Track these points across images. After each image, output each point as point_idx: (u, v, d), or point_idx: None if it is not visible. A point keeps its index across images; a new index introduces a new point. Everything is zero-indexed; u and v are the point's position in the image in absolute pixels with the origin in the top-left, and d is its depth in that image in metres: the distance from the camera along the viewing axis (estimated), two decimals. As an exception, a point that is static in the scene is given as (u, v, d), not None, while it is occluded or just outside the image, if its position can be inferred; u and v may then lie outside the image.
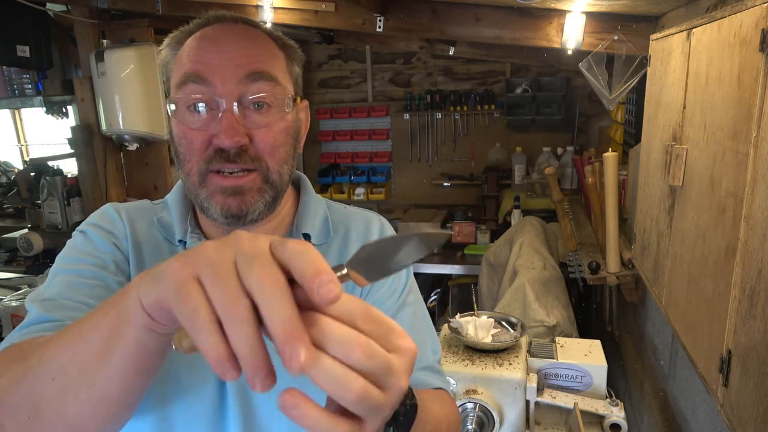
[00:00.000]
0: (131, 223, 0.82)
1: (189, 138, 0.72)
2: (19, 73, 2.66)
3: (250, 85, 0.70)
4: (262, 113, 0.72)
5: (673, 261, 1.31)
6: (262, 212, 0.75)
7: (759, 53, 0.83)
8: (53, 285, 0.72)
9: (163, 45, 0.77)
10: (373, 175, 4.28)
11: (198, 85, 0.70)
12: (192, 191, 0.75)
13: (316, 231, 0.86)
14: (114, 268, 0.76)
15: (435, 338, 0.90)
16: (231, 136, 0.68)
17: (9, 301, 2.24)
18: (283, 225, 0.86)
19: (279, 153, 0.74)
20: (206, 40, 0.72)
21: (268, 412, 0.76)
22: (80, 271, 0.73)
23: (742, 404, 0.88)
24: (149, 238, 0.81)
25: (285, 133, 0.75)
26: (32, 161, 3.77)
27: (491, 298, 2.85)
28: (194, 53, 0.71)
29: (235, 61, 0.70)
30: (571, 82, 3.80)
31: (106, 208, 0.85)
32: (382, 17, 2.32)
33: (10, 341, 0.63)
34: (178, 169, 0.77)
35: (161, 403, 0.73)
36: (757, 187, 0.83)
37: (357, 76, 4.26)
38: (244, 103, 0.71)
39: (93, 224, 0.80)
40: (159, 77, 2.53)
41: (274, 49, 0.76)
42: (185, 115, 0.72)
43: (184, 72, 0.71)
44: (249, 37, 0.74)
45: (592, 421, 1.57)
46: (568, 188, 3.68)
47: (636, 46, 1.90)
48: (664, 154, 1.33)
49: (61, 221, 2.75)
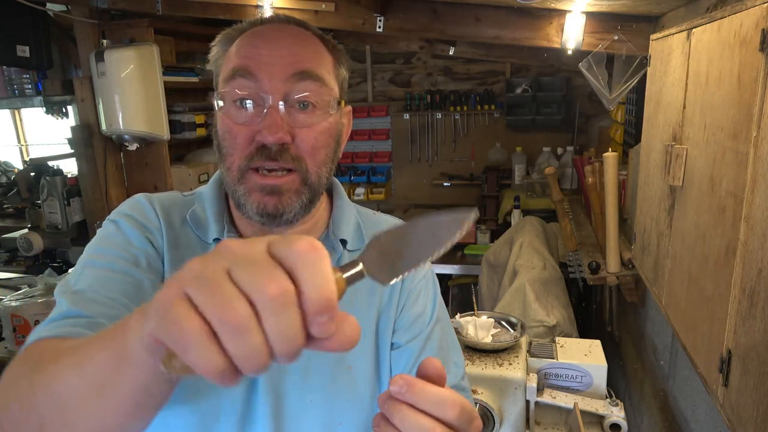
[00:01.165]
0: (167, 217, 0.80)
1: (233, 133, 0.72)
2: (19, 73, 2.66)
3: (297, 84, 0.70)
4: (306, 113, 0.72)
5: (673, 261, 1.31)
6: (297, 213, 0.74)
7: (759, 53, 0.83)
8: (83, 277, 0.70)
9: (214, 41, 0.78)
10: (373, 175, 4.28)
11: (245, 80, 0.70)
12: (231, 186, 0.74)
13: (351, 236, 0.85)
14: (146, 265, 0.74)
15: (459, 350, 0.90)
16: (274, 132, 0.69)
17: (9, 301, 2.23)
18: (317, 228, 0.84)
19: (319, 154, 0.74)
20: (257, 37, 0.73)
21: (298, 412, 0.76)
22: (111, 265, 0.72)
23: (742, 404, 0.88)
24: (183, 235, 0.80)
25: (327, 134, 0.75)
26: (32, 161, 3.76)
27: (491, 298, 2.85)
28: (244, 49, 0.72)
29: (285, 59, 0.71)
30: (571, 82, 3.80)
31: (138, 198, 0.82)
32: (382, 17, 2.32)
33: (38, 335, 0.62)
34: (219, 163, 0.77)
35: (194, 396, 0.72)
36: (757, 187, 0.83)
37: (357, 76, 4.26)
38: (290, 102, 0.71)
39: (125, 214, 0.78)
40: (159, 77, 2.53)
41: (322, 51, 0.76)
42: (231, 110, 0.72)
43: (233, 67, 0.71)
44: (299, 36, 0.75)
45: (592, 421, 1.57)
46: (568, 188, 3.68)
47: (636, 46, 1.90)
48: (664, 154, 1.33)
49: (61, 221, 2.75)
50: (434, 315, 0.87)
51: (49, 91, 2.63)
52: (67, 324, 0.63)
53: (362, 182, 4.28)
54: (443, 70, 4.10)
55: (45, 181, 2.73)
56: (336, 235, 0.84)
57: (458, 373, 0.86)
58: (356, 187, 4.24)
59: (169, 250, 0.77)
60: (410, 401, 0.45)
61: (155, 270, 0.75)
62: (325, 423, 0.78)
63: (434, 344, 0.84)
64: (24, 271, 2.96)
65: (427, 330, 0.85)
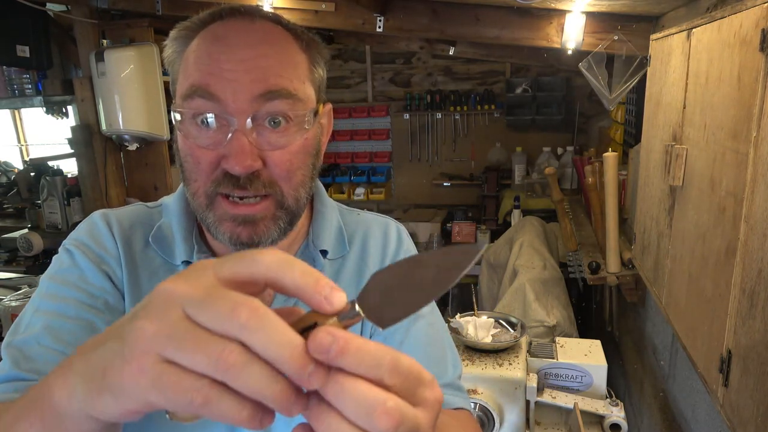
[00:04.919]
0: (126, 240, 0.72)
1: (196, 156, 0.63)
2: (19, 73, 2.66)
3: (266, 104, 0.61)
4: (278, 132, 0.62)
5: (673, 261, 1.31)
6: (275, 240, 0.67)
7: (759, 53, 0.83)
8: (33, 324, 0.64)
9: (168, 38, 0.67)
10: (373, 175, 4.28)
11: (206, 101, 0.60)
12: (199, 212, 0.66)
13: (332, 244, 0.78)
14: (103, 305, 0.67)
15: (454, 352, 0.82)
16: (241, 161, 0.60)
17: (9, 301, 2.24)
18: (297, 239, 0.77)
19: (296, 177, 0.65)
20: (217, 43, 0.62)
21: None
22: (64, 308, 0.65)
23: (742, 404, 0.88)
24: (145, 260, 0.72)
25: (303, 153, 0.66)
26: (32, 161, 3.76)
27: (491, 298, 2.85)
28: (203, 60, 0.61)
29: (251, 73, 0.60)
30: (571, 82, 3.80)
31: (95, 219, 0.73)
32: (382, 17, 2.32)
33: None
34: (184, 185, 0.68)
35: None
36: (757, 187, 0.83)
37: (357, 76, 4.26)
38: (259, 119, 0.61)
39: (81, 243, 0.71)
40: (159, 77, 2.53)
41: (295, 54, 0.65)
42: (191, 130, 0.62)
43: (191, 84, 0.61)
44: (267, 41, 0.63)
45: (592, 421, 1.57)
46: (568, 188, 3.68)
47: (636, 46, 1.90)
48: (664, 154, 1.33)
49: (61, 221, 2.75)
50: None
51: (49, 91, 2.63)
52: (7, 389, 0.58)
53: (362, 182, 4.28)
54: (443, 70, 4.10)
55: (45, 181, 2.73)
56: (316, 245, 0.76)
57: (455, 374, 0.80)
58: (356, 187, 4.24)
59: (129, 283, 0.70)
60: (344, 365, 0.34)
61: (113, 309, 0.68)
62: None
63: (415, 342, 0.76)
64: (24, 271, 2.96)
65: (405, 324, 0.76)
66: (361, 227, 0.83)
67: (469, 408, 0.78)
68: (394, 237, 0.83)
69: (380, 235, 0.82)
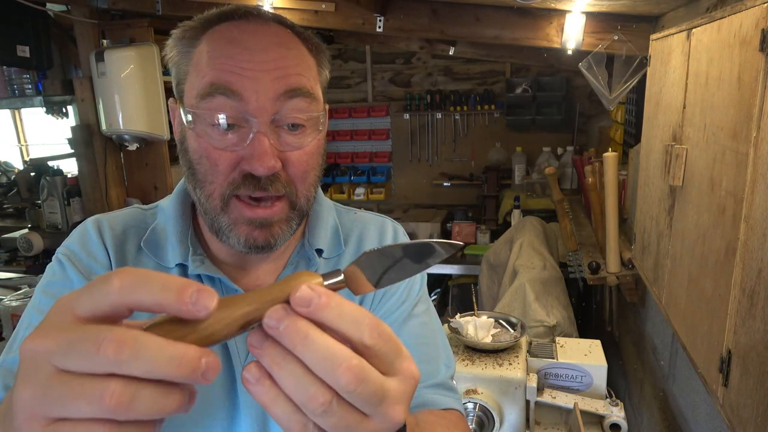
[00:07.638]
0: (119, 248, 0.71)
1: (213, 158, 0.62)
2: (19, 73, 2.66)
3: (287, 102, 0.61)
4: (296, 134, 0.63)
5: (673, 261, 1.31)
6: (285, 240, 0.68)
7: (759, 53, 0.83)
8: None
9: (171, 38, 0.66)
10: (373, 175, 4.28)
11: (228, 99, 0.60)
12: (211, 214, 0.66)
13: (327, 243, 0.79)
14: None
15: (449, 351, 0.82)
16: (265, 162, 0.60)
17: (9, 301, 2.24)
18: (294, 239, 0.77)
19: (310, 177, 0.67)
20: (233, 44, 0.61)
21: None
22: None
23: (742, 404, 0.88)
24: (138, 265, 0.70)
25: (317, 154, 0.67)
26: (32, 161, 3.76)
27: (491, 298, 2.85)
28: (221, 59, 0.61)
29: (271, 73, 0.60)
30: (571, 82, 3.80)
31: (88, 227, 0.73)
32: (382, 17, 2.32)
33: None
34: (188, 182, 0.67)
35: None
36: (757, 187, 0.83)
37: (357, 76, 4.26)
38: (278, 122, 0.62)
39: (72, 253, 0.71)
40: (159, 77, 2.53)
41: (307, 57, 0.66)
42: (208, 131, 0.62)
43: (210, 82, 0.60)
44: (282, 44, 0.63)
45: (592, 421, 1.57)
46: (568, 188, 3.68)
47: (636, 46, 1.90)
48: (664, 154, 1.33)
49: (61, 221, 2.75)
50: (408, 309, 0.80)
51: (49, 91, 2.63)
52: None
53: (362, 182, 4.28)
54: (443, 70, 4.10)
55: (45, 181, 2.74)
56: (312, 244, 0.77)
57: (448, 374, 0.81)
58: (356, 187, 4.24)
59: None
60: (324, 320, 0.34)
61: None
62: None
63: (406, 340, 0.76)
64: (24, 271, 2.97)
65: (398, 322, 0.78)
66: (357, 226, 0.83)
67: (460, 409, 0.78)
68: (390, 235, 0.84)
69: (376, 234, 0.83)
